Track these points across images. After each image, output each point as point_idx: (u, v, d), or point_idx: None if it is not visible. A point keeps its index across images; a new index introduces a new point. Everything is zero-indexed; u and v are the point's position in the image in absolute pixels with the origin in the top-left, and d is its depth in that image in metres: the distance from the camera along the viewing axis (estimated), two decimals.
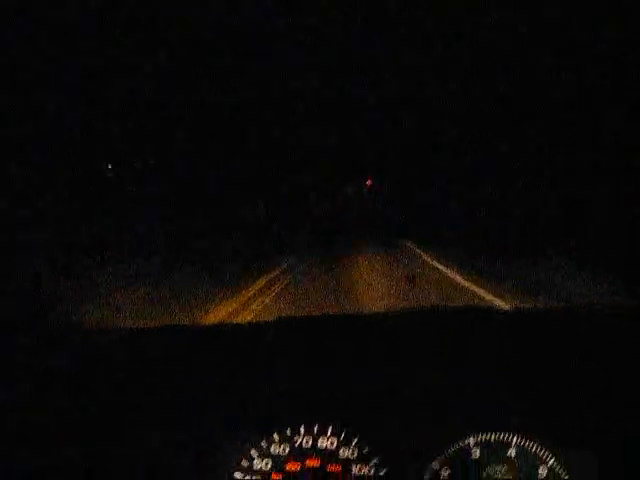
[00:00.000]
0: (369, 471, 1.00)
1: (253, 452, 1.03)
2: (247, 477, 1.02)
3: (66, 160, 13.52)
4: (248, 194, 22.82)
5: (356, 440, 1.01)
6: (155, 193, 17.12)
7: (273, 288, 9.31)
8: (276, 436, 1.02)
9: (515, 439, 1.03)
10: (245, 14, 19.26)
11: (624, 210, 10.99)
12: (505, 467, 1.02)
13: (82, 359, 1.22)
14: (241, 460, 1.02)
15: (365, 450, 1.00)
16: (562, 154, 14.07)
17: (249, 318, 6.88)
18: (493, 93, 17.32)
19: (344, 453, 1.01)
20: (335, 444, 1.01)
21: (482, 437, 1.02)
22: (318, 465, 1.01)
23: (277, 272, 11.37)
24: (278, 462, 1.02)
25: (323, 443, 1.01)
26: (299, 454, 1.02)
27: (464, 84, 19.50)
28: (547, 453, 1.01)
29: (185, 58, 18.68)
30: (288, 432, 1.02)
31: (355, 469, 1.00)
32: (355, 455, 1.01)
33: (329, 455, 1.01)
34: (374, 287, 9.02)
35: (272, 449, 1.01)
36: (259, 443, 1.01)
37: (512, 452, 1.03)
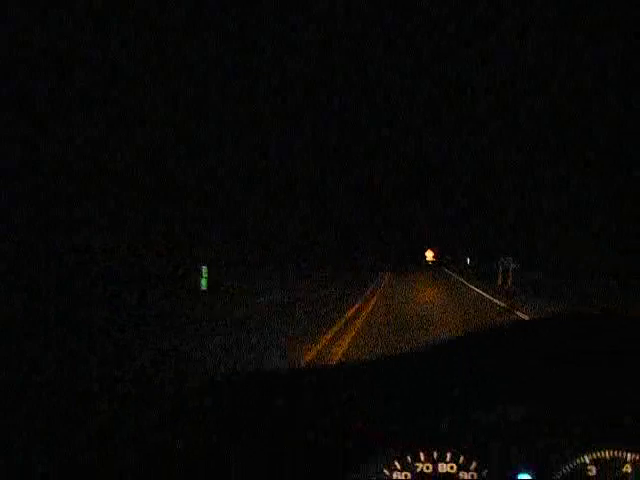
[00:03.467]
0: None
1: None
2: None
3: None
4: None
5: (475, 464, 1.03)
6: None
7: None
8: (397, 464, 1.03)
9: (630, 455, 1.03)
10: (245, 14, 19.16)
11: None
12: None
13: None
14: None
15: (484, 473, 1.02)
16: None
17: None
18: None
19: (464, 476, 1.03)
20: (455, 469, 1.03)
21: (598, 454, 1.03)
22: None
23: None
24: None
25: (443, 468, 1.02)
26: None
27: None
28: None
29: (185, 58, 18.57)
30: (409, 459, 1.03)
31: None
32: (475, 479, 1.02)
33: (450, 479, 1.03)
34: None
35: (394, 476, 1.03)
36: (382, 471, 1.03)
37: (628, 468, 1.04)
